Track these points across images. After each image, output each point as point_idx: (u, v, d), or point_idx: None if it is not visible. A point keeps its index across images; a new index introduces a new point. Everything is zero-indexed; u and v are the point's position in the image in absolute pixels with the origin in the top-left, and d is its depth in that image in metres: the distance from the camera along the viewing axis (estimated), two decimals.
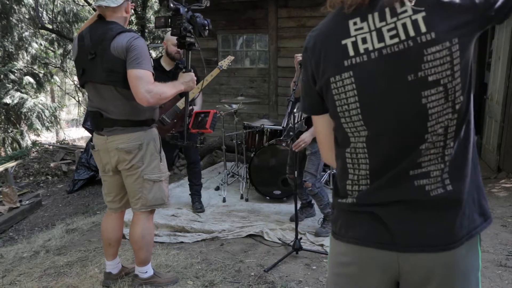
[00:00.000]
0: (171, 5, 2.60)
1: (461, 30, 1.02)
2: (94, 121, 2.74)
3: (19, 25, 10.48)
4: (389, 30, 1.06)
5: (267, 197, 4.76)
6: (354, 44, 1.10)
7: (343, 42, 1.11)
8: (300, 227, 3.94)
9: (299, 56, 3.54)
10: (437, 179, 1.10)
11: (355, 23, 1.10)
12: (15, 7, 10.21)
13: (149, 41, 11.37)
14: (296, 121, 3.77)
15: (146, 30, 11.68)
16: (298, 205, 4.09)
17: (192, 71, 2.83)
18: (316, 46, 1.16)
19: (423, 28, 1.03)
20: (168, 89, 2.62)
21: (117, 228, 3.02)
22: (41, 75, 12.51)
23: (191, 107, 4.35)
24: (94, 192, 6.90)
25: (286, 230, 3.97)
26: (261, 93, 6.88)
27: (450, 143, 1.10)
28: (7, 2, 9.75)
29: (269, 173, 4.70)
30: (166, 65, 4.40)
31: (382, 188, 1.14)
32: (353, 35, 1.10)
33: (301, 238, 3.57)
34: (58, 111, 12.92)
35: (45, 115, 11.64)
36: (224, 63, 4.43)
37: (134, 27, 12.02)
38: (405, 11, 1.04)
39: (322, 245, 3.68)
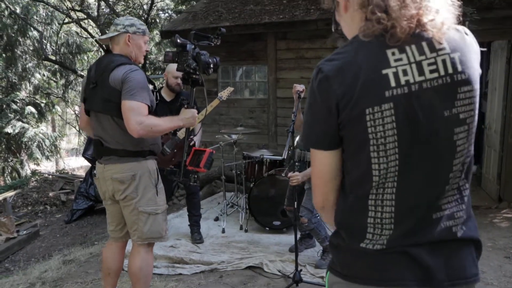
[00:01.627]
0: (178, 41, 2.68)
1: (478, 75, 1.12)
2: (95, 149, 2.80)
3: (23, 57, 10.65)
4: (429, 65, 1.07)
5: (267, 228, 4.72)
6: (396, 75, 1.07)
7: (384, 72, 1.07)
8: (300, 258, 3.89)
9: (298, 87, 3.57)
10: (460, 220, 1.15)
11: (393, 54, 1.08)
12: (21, 40, 10.39)
13: (150, 72, 11.53)
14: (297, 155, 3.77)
15: (148, 61, 11.85)
16: (298, 236, 4.06)
17: (195, 107, 2.87)
18: (346, 75, 1.09)
19: (459, 67, 1.08)
20: (163, 123, 2.63)
21: (118, 258, 3.00)
22: (42, 105, 12.63)
23: (190, 137, 4.37)
24: (93, 222, 6.85)
25: (286, 261, 3.93)
26: (261, 123, 6.92)
27: (465, 183, 1.15)
28: (13, 35, 9.93)
29: (268, 203, 4.68)
30: (167, 96, 4.45)
31: (412, 232, 1.13)
32: (394, 65, 1.07)
33: (301, 270, 3.52)
34: (58, 141, 12.98)
35: (45, 145, 11.69)
36: (224, 94, 4.48)
37: None
38: (444, 48, 1.08)
39: (322, 277, 3.63)
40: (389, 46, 1.08)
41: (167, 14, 12.76)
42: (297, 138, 3.72)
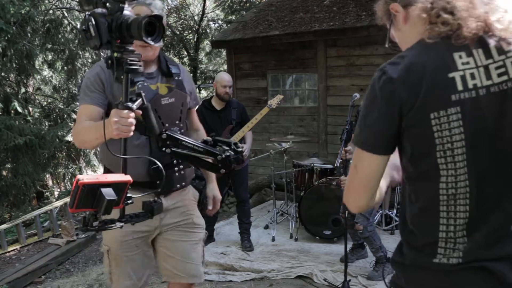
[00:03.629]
0: None
1: None
2: None
3: (83, 69, 11.18)
4: (497, 68, 1.04)
5: (317, 237, 4.66)
6: (463, 78, 1.04)
7: (450, 75, 1.04)
8: (351, 269, 3.82)
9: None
10: None
11: (460, 57, 1.05)
12: (80, 53, 10.93)
13: (201, 81, 11.76)
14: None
15: (198, 71, 12.11)
16: (349, 246, 3.99)
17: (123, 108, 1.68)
18: (411, 78, 1.06)
19: None
20: (84, 130, 1.97)
21: None
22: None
23: (242, 145, 4.41)
24: None
25: (337, 271, 3.86)
26: (311, 131, 6.88)
27: None
28: (74, 49, 10.47)
29: (319, 212, 4.62)
30: (217, 105, 4.53)
31: (489, 244, 1.06)
32: (461, 69, 1.04)
33: (349, 280, 3.45)
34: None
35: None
36: (274, 102, 4.50)
37: (187, 68, 12.52)
38: None
39: None
40: (456, 48, 1.05)
41: (217, 24, 13.01)
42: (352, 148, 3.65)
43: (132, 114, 1.65)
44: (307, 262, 4.10)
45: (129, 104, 1.65)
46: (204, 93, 13.05)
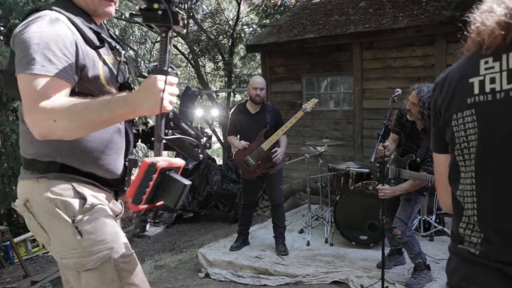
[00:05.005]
0: None
1: None
2: None
3: None
4: None
5: (353, 242, 4.59)
6: (481, 82, 1.10)
7: (471, 80, 1.12)
8: (389, 275, 3.73)
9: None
10: None
11: (486, 62, 1.10)
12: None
13: (235, 85, 11.84)
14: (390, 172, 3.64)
15: (233, 75, 12.20)
16: (387, 252, 3.89)
17: (169, 73, 1.40)
18: (446, 84, 1.20)
19: None
20: (82, 108, 1.36)
21: None
22: (136, 118, 13.46)
23: (275, 149, 4.41)
24: (181, 230, 7.13)
25: (373, 278, 3.78)
26: (346, 135, 6.79)
27: None
28: None
29: (355, 217, 4.55)
30: (252, 108, 4.54)
31: (504, 246, 1.06)
32: (482, 74, 1.11)
33: (387, 287, 3.37)
34: (150, 152, 13.74)
35: (138, 155, 12.43)
36: (308, 105, 4.47)
37: (222, 72, 12.64)
38: None
39: None
40: (484, 55, 1.11)
41: (251, 29, 13.08)
42: (392, 155, 3.57)
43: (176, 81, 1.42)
44: (343, 268, 4.03)
45: (174, 68, 1.40)
46: (238, 97, 13.14)
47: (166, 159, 1.36)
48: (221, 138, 12.22)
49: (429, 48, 5.89)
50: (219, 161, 12.64)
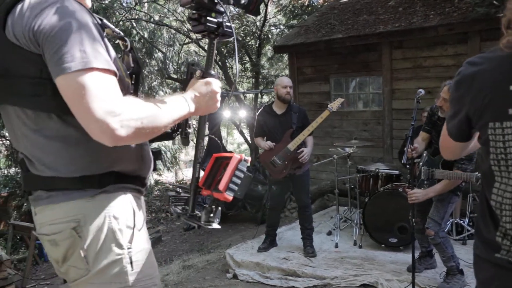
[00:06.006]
0: None
1: None
2: (21, 176, 1.45)
3: (149, 76, 11.63)
4: None
5: (382, 245, 4.51)
6: None
7: (511, 88, 1.05)
8: (420, 279, 3.65)
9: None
10: None
11: None
12: (147, 61, 11.41)
13: (263, 86, 11.84)
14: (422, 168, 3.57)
15: (260, 76, 12.20)
16: (417, 254, 3.81)
17: (215, 76, 1.47)
18: (477, 84, 1.11)
19: None
20: (157, 110, 1.25)
21: None
22: None
23: (301, 149, 4.39)
24: (209, 231, 7.17)
25: (403, 282, 3.70)
26: (375, 136, 6.69)
27: None
28: (141, 57, 10.95)
29: (384, 219, 4.47)
30: (278, 109, 4.53)
31: None
32: None
33: None
34: (177, 153, 13.90)
35: (166, 157, 12.59)
36: (334, 105, 4.44)
37: (249, 73, 12.66)
38: None
39: None
40: None
41: (279, 30, 13.05)
42: (424, 155, 3.49)
43: None
44: (372, 271, 3.97)
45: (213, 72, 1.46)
46: (266, 98, 13.13)
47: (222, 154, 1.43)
48: (249, 139, 12.23)
49: (462, 46, 5.74)
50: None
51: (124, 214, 1.35)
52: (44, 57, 1.18)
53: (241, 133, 13.19)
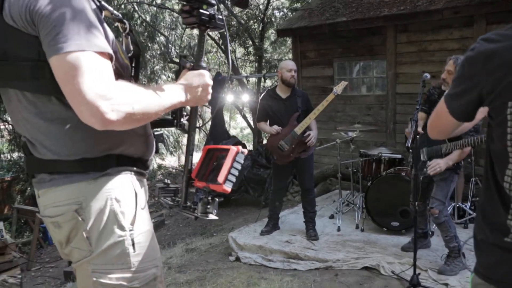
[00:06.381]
0: None
1: None
2: (25, 159, 1.46)
3: (152, 60, 11.58)
4: None
5: (384, 228, 4.53)
6: None
7: None
8: (421, 262, 3.67)
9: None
10: None
11: None
12: (150, 45, 11.34)
13: (266, 70, 11.79)
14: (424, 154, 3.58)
15: (264, 60, 12.13)
16: (412, 235, 3.85)
17: (206, 68, 1.49)
18: (495, 61, 1.06)
19: None
20: (148, 97, 1.25)
21: None
22: None
23: (308, 132, 4.38)
24: None
25: (405, 264, 3.73)
26: (378, 120, 6.67)
27: None
28: (143, 41, 10.88)
29: (386, 203, 4.49)
30: (282, 93, 4.50)
31: None
32: None
33: (419, 274, 3.32)
34: (180, 137, 13.91)
35: (169, 141, 12.59)
36: (338, 88, 4.42)
37: (252, 57, 12.59)
38: None
39: (446, 285, 3.39)
40: None
41: (282, 13, 12.94)
42: (421, 138, 3.48)
43: None
44: (374, 254, 4.00)
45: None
46: (269, 82, 13.08)
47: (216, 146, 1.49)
48: (252, 123, 12.22)
49: (468, 30, 5.68)
50: (249, 146, 12.66)
51: (126, 196, 1.36)
52: (39, 38, 1.17)
53: (244, 117, 13.16)
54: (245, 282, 3.64)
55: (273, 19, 12.52)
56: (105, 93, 1.13)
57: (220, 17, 1.46)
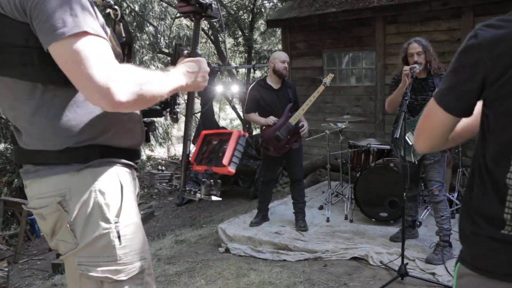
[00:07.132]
0: None
1: None
2: (13, 148, 1.50)
3: (141, 51, 11.46)
4: None
5: (373, 219, 4.57)
6: None
7: None
8: (409, 252, 3.71)
9: (407, 69, 3.52)
10: None
11: None
12: (138, 35, 11.22)
13: (255, 61, 11.75)
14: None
15: (253, 51, 12.08)
16: (400, 225, 3.89)
17: (202, 56, 1.53)
18: (500, 48, 1.01)
19: None
20: (153, 78, 1.27)
21: None
22: None
23: (301, 123, 4.40)
24: (201, 206, 7.21)
25: (393, 254, 3.77)
26: (367, 111, 6.70)
27: None
28: (132, 31, 10.77)
29: (375, 194, 4.52)
30: (274, 83, 4.49)
31: None
32: None
33: (407, 264, 3.36)
34: (170, 128, 13.84)
35: (158, 132, 12.52)
36: (327, 79, 4.46)
37: (242, 48, 12.52)
38: None
39: (433, 274, 3.43)
40: None
41: (272, 3, 12.87)
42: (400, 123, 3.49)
43: None
44: (363, 244, 4.03)
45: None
46: (258, 73, 13.04)
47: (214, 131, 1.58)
48: (241, 114, 12.20)
49: (455, 21, 5.70)
50: None
51: (110, 188, 1.35)
52: (32, 26, 1.16)
53: (234, 108, 13.13)
54: (235, 273, 3.65)
55: (262, 10, 12.45)
56: (114, 75, 1.14)
57: (216, 6, 1.51)
